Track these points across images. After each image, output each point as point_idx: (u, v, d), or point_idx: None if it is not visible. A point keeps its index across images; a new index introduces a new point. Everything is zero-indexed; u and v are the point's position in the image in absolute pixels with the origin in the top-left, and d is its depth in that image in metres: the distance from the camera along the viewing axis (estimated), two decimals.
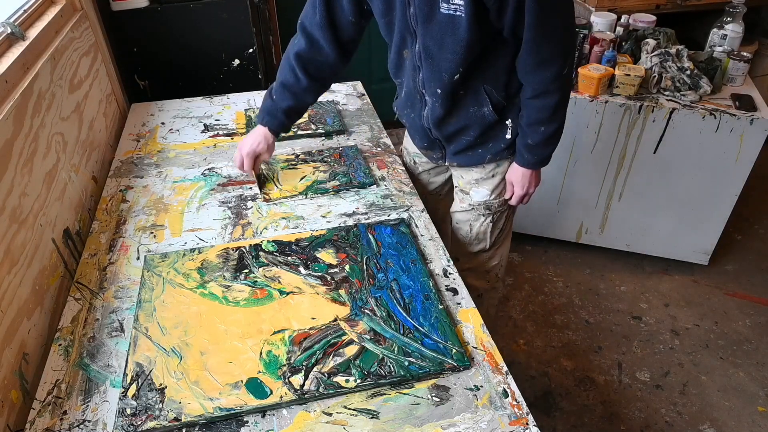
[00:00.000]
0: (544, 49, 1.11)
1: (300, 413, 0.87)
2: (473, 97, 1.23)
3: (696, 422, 1.71)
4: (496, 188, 1.38)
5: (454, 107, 1.25)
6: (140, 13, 1.91)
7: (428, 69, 1.19)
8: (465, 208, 1.44)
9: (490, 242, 1.48)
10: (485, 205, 1.41)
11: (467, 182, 1.41)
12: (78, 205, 1.34)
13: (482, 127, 1.28)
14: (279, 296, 1.07)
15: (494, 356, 0.95)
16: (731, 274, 2.27)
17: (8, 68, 1.12)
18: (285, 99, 1.33)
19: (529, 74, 1.16)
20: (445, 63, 1.15)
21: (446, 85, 1.20)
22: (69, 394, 0.91)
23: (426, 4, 1.08)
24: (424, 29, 1.12)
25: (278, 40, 2.73)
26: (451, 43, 1.11)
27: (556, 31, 1.09)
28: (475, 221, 1.45)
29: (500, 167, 1.36)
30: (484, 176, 1.37)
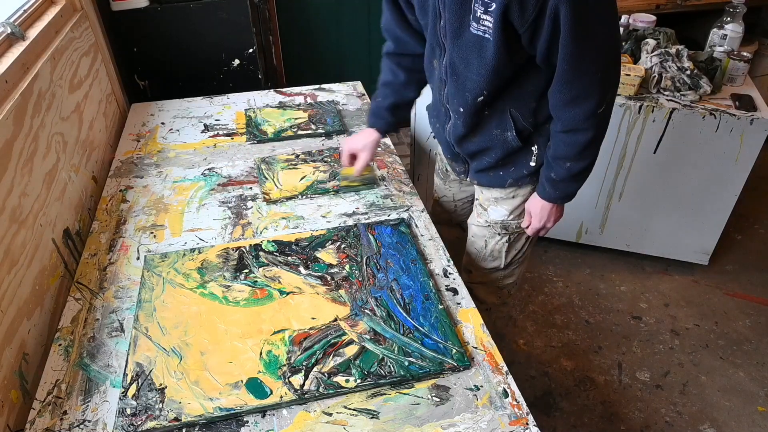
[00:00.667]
0: (578, 86, 1.02)
1: (300, 413, 0.87)
2: (498, 120, 1.16)
3: (696, 422, 1.71)
4: (516, 209, 1.31)
5: (477, 127, 1.19)
6: (140, 13, 1.91)
7: (453, 85, 1.14)
8: (481, 224, 1.38)
9: (505, 262, 1.41)
10: (502, 224, 1.34)
11: (487, 198, 1.34)
12: (78, 205, 1.34)
13: (505, 151, 1.21)
14: (279, 296, 1.07)
15: (494, 356, 0.95)
16: (731, 274, 2.27)
17: (8, 68, 1.12)
18: (387, 97, 1.35)
19: (560, 109, 1.07)
20: (470, 83, 1.10)
21: (469, 106, 1.14)
22: (69, 394, 0.91)
23: (456, 19, 1.02)
24: (452, 45, 1.07)
25: (278, 40, 2.73)
26: (477, 65, 1.05)
27: (593, 66, 1.00)
28: (490, 238, 1.38)
29: (522, 189, 1.28)
30: (503, 196, 1.31)
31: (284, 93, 1.93)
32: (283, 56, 2.80)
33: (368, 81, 2.98)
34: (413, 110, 2.16)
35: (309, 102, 1.86)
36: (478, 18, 0.98)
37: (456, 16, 1.02)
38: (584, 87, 1.01)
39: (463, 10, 1.00)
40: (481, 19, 0.98)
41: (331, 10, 2.77)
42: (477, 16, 0.98)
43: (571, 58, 0.97)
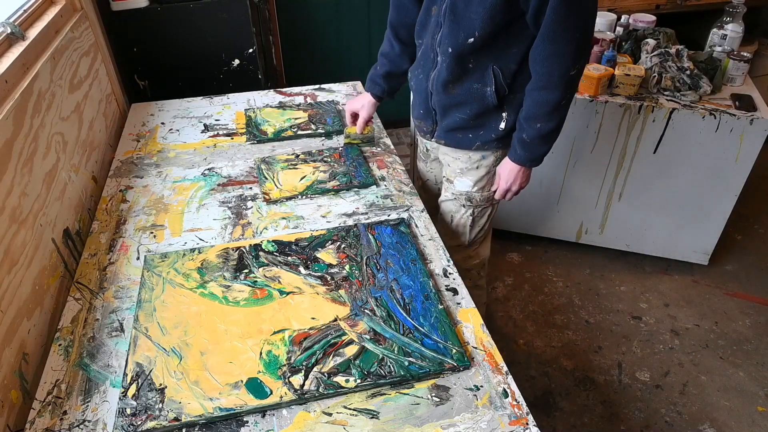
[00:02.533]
0: (559, 42, 1.12)
1: (300, 413, 0.87)
2: (480, 73, 1.25)
3: (696, 422, 1.71)
4: (480, 180, 1.41)
5: (460, 76, 1.27)
6: (140, 13, 1.91)
7: (448, 26, 1.21)
8: (448, 197, 1.48)
9: (469, 238, 1.51)
10: (467, 196, 1.44)
11: (453, 171, 1.43)
12: (78, 205, 1.34)
13: (480, 108, 1.28)
14: (279, 296, 1.07)
15: (494, 356, 0.95)
16: (731, 274, 2.27)
17: (8, 68, 1.12)
18: (383, 65, 1.48)
19: (538, 63, 1.17)
20: (465, 21, 1.17)
21: (459, 46, 1.21)
22: (69, 394, 0.91)
23: None
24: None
25: (278, 40, 2.73)
26: (477, 4, 1.14)
27: (574, 29, 1.11)
28: (456, 212, 1.48)
29: (486, 160, 1.37)
30: (468, 166, 1.39)
31: (284, 93, 1.93)
32: (283, 56, 2.80)
33: None
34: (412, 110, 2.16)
35: (309, 102, 1.86)
36: None
37: None
38: (564, 45, 1.12)
39: None
40: None
41: (331, 9, 2.77)
42: None
43: (558, 14, 1.08)
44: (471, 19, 1.16)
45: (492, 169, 1.39)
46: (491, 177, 1.40)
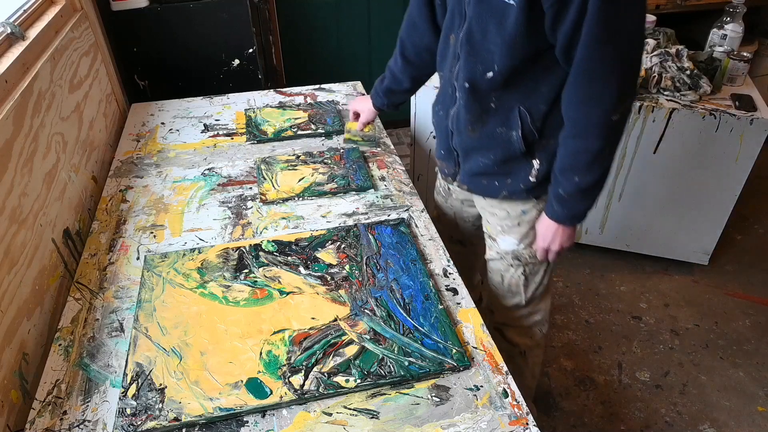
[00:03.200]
0: (596, 83, 0.94)
1: (300, 413, 0.87)
2: (504, 115, 1.09)
3: (696, 422, 1.71)
4: (525, 237, 1.23)
5: (481, 117, 1.12)
6: (140, 13, 1.91)
7: (465, 58, 1.07)
8: (494, 257, 1.32)
9: (525, 297, 1.33)
10: (513, 254, 1.27)
11: (494, 227, 1.28)
12: (78, 205, 1.34)
13: (505, 154, 1.13)
14: (279, 296, 1.07)
15: (494, 356, 0.95)
16: (731, 274, 2.27)
17: (8, 68, 1.12)
18: (385, 79, 1.43)
19: (571, 108, 1.00)
20: (484, 54, 1.03)
21: (477, 81, 1.07)
22: (69, 394, 0.91)
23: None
24: (474, 11, 1.01)
25: (278, 40, 2.74)
26: (495, 34, 0.99)
27: (615, 64, 0.92)
28: (505, 272, 1.31)
29: (527, 215, 1.20)
30: (510, 223, 1.23)
31: (284, 93, 1.93)
32: (283, 56, 2.80)
33: (368, 81, 2.97)
34: (412, 110, 2.16)
35: (309, 102, 1.86)
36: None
37: None
38: (600, 85, 0.94)
39: None
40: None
41: (331, 10, 2.77)
42: None
43: (593, 48, 0.90)
44: (489, 51, 1.02)
45: (533, 219, 1.21)
46: (533, 226, 1.23)
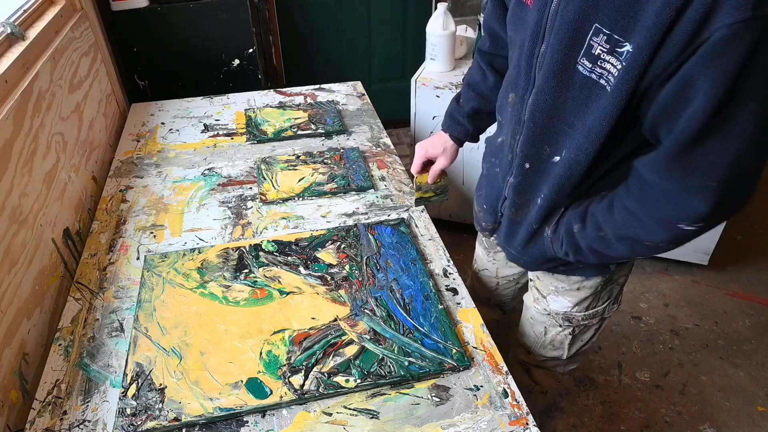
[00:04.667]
0: (676, 181, 0.73)
1: (300, 413, 0.87)
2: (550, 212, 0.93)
3: (696, 422, 1.71)
4: (582, 302, 1.08)
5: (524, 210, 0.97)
6: (140, 13, 1.91)
7: (529, 133, 0.88)
8: (539, 311, 1.15)
9: (567, 353, 1.19)
10: (564, 316, 1.12)
11: (545, 286, 1.11)
12: (78, 205, 1.34)
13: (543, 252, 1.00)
14: (279, 296, 1.07)
15: (494, 356, 0.95)
16: (731, 274, 2.27)
17: (8, 68, 1.12)
18: (470, 100, 1.15)
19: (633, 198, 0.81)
20: (554, 136, 0.84)
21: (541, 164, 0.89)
22: (69, 394, 0.91)
23: (561, 50, 0.77)
24: (546, 82, 0.81)
25: (278, 40, 2.74)
26: (573, 116, 0.80)
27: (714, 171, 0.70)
28: (551, 327, 1.16)
29: (589, 281, 1.04)
30: (567, 287, 1.07)
31: (284, 93, 1.93)
32: (283, 56, 2.80)
33: (368, 81, 3.00)
34: (412, 110, 2.16)
35: (309, 102, 1.86)
36: (594, 56, 0.73)
37: (561, 46, 0.77)
38: (682, 191, 0.74)
39: (573, 39, 0.75)
40: (601, 59, 0.72)
41: (331, 10, 2.77)
42: (593, 53, 0.73)
43: (687, 140, 0.69)
44: (562, 133, 0.84)
45: (600, 290, 1.06)
46: (599, 297, 1.08)
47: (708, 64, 0.63)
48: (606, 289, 1.07)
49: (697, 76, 0.64)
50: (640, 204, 0.79)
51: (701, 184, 0.71)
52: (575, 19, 0.73)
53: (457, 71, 2.10)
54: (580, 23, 0.73)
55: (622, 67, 0.70)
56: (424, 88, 2.08)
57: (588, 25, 0.72)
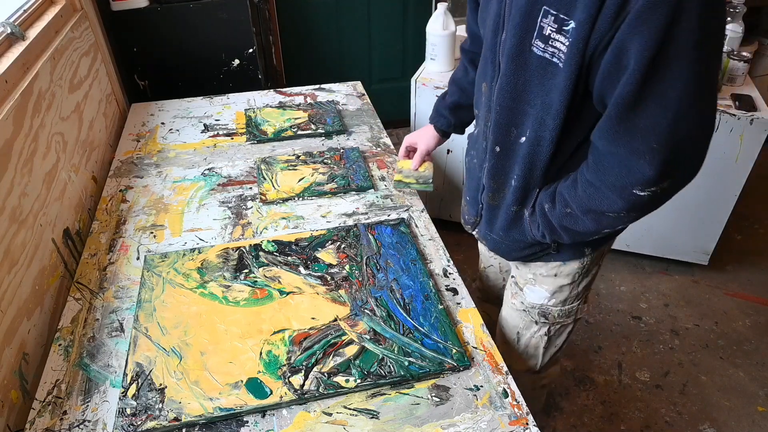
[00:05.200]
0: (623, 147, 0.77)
1: (300, 413, 0.87)
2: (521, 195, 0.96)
3: (696, 422, 1.71)
4: (559, 292, 1.08)
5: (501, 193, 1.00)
6: (140, 13, 1.91)
7: (497, 117, 0.92)
8: (516, 307, 1.15)
9: (541, 362, 1.17)
10: (541, 310, 1.11)
11: (522, 275, 1.12)
12: (78, 205, 1.34)
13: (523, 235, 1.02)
14: (279, 296, 1.07)
15: (494, 356, 0.95)
16: (731, 274, 2.27)
17: (8, 68, 1.12)
18: (452, 94, 1.24)
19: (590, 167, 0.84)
20: (520, 116, 0.88)
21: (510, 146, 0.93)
22: (69, 394, 0.91)
23: (517, 34, 0.82)
24: (508, 67, 0.86)
25: (278, 40, 2.74)
26: (534, 94, 0.84)
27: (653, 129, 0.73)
28: (524, 329, 1.14)
29: (567, 266, 1.04)
30: (544, 272, 1.07)
31: (284, 93, 1.93)
32: (283, 56, 2.80)
33: (368, 81, 3.00)
34: (412, 110, 2.16)
35: (309, 102, 1.86)
36: (546, 37, 0.78)
37: (517, 31, 0.81)
38: (631, 151, 0.76)
39: (526, 24, 0.80)
40: (551, 38, 0.77)
41: (331, 10, 2.77)
42: (545, 34, 0.78)
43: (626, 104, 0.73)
44: (526, 114, 0.88)
45: (577, 279, 1.06)
46: (575, 287, 1.08)
47: (634, 30, 0.67)
48: (581, 281, 1.08)
49: (628, 42, 0.68)
50: (597, 174, 0.82)
51: (645, 147, 0.74)
52: (526, 4, 0.79)
53: None
54: (531, 8, 0.78)
55: (569, 43, 0.75)
56: (424, 88, 2.08)
57: (537, 8, 0.78)
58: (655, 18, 0.65)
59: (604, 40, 0.71)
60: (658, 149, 0.73)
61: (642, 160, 0.75)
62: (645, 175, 0.76)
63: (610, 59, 0.72)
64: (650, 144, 0.74)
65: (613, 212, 0.83)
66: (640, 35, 0.67)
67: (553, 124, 0.84)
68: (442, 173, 2.29)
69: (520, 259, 1.08)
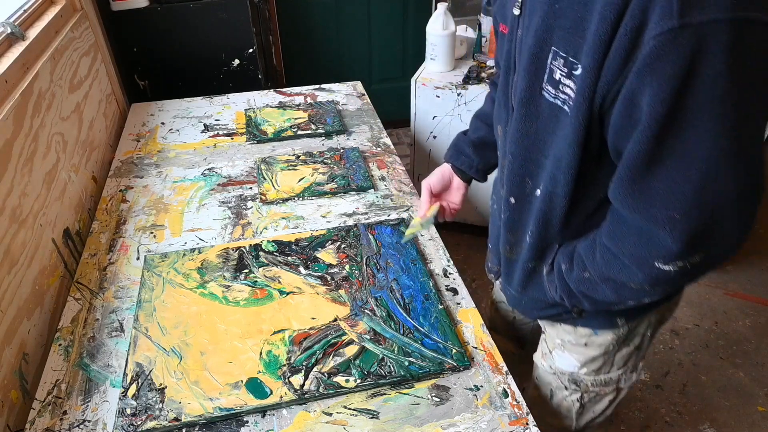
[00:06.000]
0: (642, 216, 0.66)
1: (300, 413, 0.87)
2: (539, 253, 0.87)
3: (696, 422, 1.71)
4: (591, 362, 0.96)
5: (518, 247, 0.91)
6: (140, 13, 1.91)
7: (511, 165, 0.83)
8: (545, 369, 1.04)
9: (576, 425, 1.06)
10: (571, 377, 1.00)
11: (551, 338, 1.01)
12: (78, 205, 1.34)
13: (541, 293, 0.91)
14: (279, 296, 1.07)
15: (494, 356, 0.95)
16: (731, 274, 2.27)
17: (8, 68, 1.12)
18: (477, 129, 1.06)
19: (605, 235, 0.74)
20: (532, 167, 0.79)
21: (525, 198, 0.84)
22: (69, 394, 0.91)
23: (527, 77, 0.73)
24: (518, 111, 0.77)
25: (278, 40, 2.74)
26: (546, 144, 0.75)
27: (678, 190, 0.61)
28: (557, 389, 1.04)
29: (598, 337, 0.92)
30: (573, 340, 0.95)
31: (284, 93, 1.93)
32: (283, 56, 2.80)
33: (368, 81, 3.00)
34: (412, 110, 2.16)
35: (309, 102, 1.86)
36: (556, 81, 0.69)
37: (526, 73, 0.73)
38: (649, 218, 0.65)
39: (535, 66, 0.71)
40: (561, 83, 0.68)
41: (331, 10, 2.77)
42: (555, 78, 0.69)
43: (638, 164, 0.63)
44: (540, 165, 0.79)
45: (613, 350, 0.94)
46: (611, 357, 0.95)
47: (643, 80, 0.58)
48: (620, 351, 0.94)
49: (638, 94, 0.59)
50: (614, 240, 0.72)
51: (665, 215, 0.63)
52: (535, 45, 0.70)
53: (457, 71, 2.11)
54: (540, 48, 0.70)
55: (576, 90, 0.66)
56: (424, 88, 2.08)
57: (546, 49, 0.69)
58: (666, 66, 0.56)
59: (612, 90, 0.62)
60: (681, 219, 0.62)
61: (662, 231, 0.64)
62: (667, 248, 0.65)
63: (621, 111, 0.62)
64: (670, 212, 0.62)
65: (635, 284, 0.72)
66: (650, 86, 0.57)
67: (564, 180, 0.74)
68: None
69: (542, 318, 0.98)
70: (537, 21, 0.69)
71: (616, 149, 0.67)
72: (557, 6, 0.66)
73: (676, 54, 0.55)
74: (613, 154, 0.69)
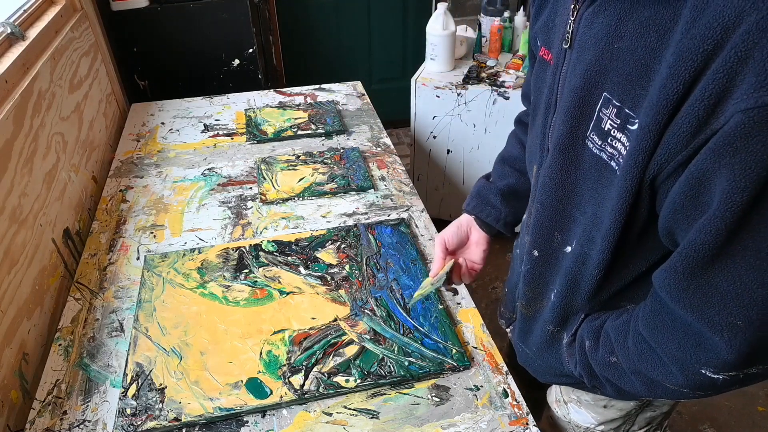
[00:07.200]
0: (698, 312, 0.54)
1: (300, 413, 0.87)
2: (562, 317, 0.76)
3: (696, 422, 1.71)
4: (610, 423, 0.87)
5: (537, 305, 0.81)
6: (140, 13, 1.91)
7: (539, 214, 0.73)
8: (560, 416, 0.95)
9: None
10: (588, 431, 0.92)
11: (567, 392, 0.92)
12: (78, 205, 1.34)
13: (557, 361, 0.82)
14: (279, 296, 1.07)
15: (494, 356, 0.95)
16: None
17: (8, 68, 1.12)
18: (505, 176, 0.93)
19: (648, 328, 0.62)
20: (565, 221, 0.69)
21: (550, 254, 0.74)
22: (69, 394, 0.91)
23: (568, 122, 0.63)
24: (553, 158, 0.67)
25: (278, 40, 2.74)
26: (584, 198, 0.65)
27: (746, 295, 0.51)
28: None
29: (618, 402, 0.84)
30: (590, 401, 0.87)
31: (284, 93, 1.93)
32: (283, 56, 2.80)
33: (368, 81, 3.00)
34: (412, 110, 2.16)
35: (309, 102, 1.86)
36: (604, 132, 0.59)
37: (567, 117, 0.63)
38: (703, 319, 0.54)
39: (580, 110, 0.62)
40: (611, 136, 0.58)
41: (331, 10, 2.77)
42: (603, 128, 0.59)
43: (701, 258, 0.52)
44: (573, 220, 0.69)
45: (635, 413, 0.86)
46: (632, 418, 0.87)
47: (722, 160, 0.47)
48: (643, 413, 0.86)
49: (711, 175, 0.49)
50: (654, 331, 0.60)
51: (724, 320, 0.52)
52: (582, 86, 0.60)
53: (457, 71, 2.11)
54: (588, 91, 0.60)
55: (629, 149, 0.55)
56: (424, 88, 2.08)
57: (596, 93, 0.59)
58: (755, 148, 0.45)
59: (674, 161, 0.51)
60: (745, 327, 0.52)
61: (717, 336, 0.53)
62: (720, 357, 0.54)
63: (684, 190, 0.52)
64: (731, 317, 0.52)
65: (672, 385, 0.61)
66: (730, 169, 0.47)
67: (603, 245, 0.63)
68: (442, 173, 2.29)
69: (555, 383, 0.90)
70: (589, 59, 0.59)
71: (670, 232, 0.57)
72: (617, 46, 0.56)
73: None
74: (663, 233, 0.59)
